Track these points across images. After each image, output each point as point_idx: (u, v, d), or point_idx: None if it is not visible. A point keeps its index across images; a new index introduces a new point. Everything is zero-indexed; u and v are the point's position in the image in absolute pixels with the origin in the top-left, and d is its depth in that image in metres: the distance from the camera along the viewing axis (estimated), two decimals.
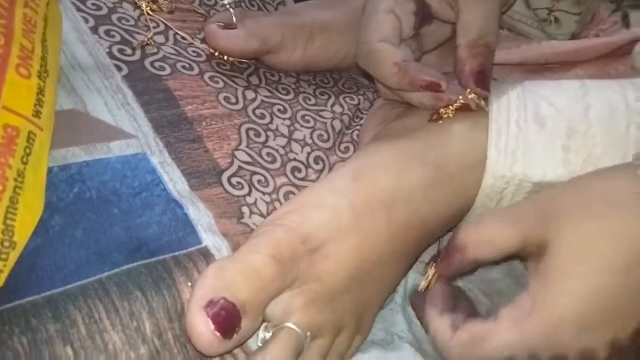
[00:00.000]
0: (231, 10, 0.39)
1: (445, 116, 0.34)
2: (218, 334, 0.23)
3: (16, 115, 0.23)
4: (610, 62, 0.38)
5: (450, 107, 0.33)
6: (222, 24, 0.38)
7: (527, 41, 0.39)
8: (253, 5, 0.47)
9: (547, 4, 0.48)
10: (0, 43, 0.24)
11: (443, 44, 0.38)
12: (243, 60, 0.40)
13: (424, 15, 0.36)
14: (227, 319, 0.23)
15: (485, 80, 0.32)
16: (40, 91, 0.25)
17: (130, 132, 0.31)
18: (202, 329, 0.23)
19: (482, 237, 0.27)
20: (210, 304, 0.23)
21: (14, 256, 0.22)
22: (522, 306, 0.25)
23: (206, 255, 0.27)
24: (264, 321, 0.26)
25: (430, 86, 0.33)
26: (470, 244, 0.28)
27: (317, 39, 0.40)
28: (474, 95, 0.33)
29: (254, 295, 0.25)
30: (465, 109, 0.33)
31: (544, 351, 0.25)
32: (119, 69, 0.34)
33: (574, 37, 0.45)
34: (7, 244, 0.21)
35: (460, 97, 0.33)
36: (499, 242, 0.27)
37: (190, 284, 0.25)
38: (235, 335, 0.24)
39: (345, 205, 0.29)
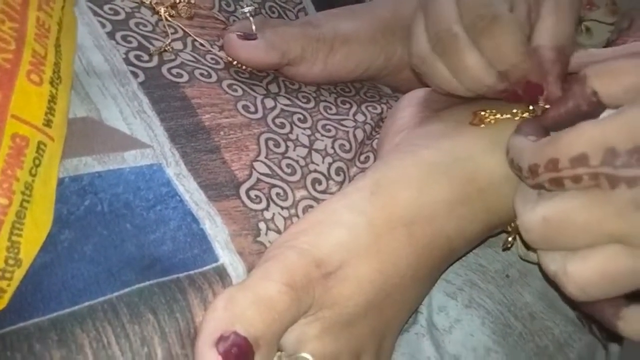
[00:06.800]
0: (251, 19, 0.38)
1: (487, 121, 0.31)
2: None
3: (25, 124, 0.22)
4: None
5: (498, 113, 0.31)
6: (241, 34, 0.37)
7: None
8: (273, 12, 0.45)
9: None
10: (11, 47, 0.23)
11: None
12: None
13: None
14: (239, 356, 0.22)
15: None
16: (52, 98, 0.24)
17: (145, 141, 0.30)
18: None
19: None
20: (221, 339, 0.22)
21: (19, 274, 0.20)
22: None
23: (222, 275, 0.25)
24: (277, 350, 0.25)
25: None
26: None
27: (338, 51, 0.39)
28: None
29: (267, 328, 0.23)
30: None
31: None
32: (135, 75, 0.33)
33: (609, 43, 0.43)
34: (11, 261, 0.20)
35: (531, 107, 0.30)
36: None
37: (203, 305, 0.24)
38: None
39: (363, 224, 0.27)
